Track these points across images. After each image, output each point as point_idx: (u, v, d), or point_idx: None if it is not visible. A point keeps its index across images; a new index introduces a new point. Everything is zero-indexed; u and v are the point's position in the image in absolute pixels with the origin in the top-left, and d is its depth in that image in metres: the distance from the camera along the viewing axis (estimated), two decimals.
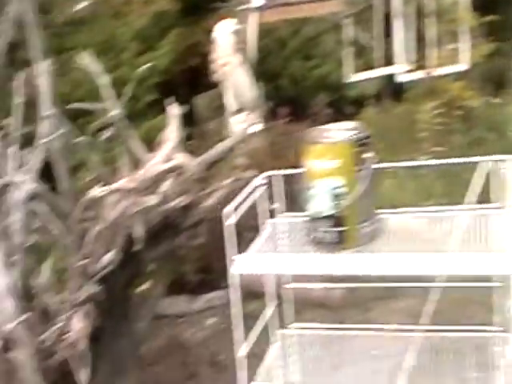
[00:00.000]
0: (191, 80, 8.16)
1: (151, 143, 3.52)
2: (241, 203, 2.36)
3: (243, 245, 2.41)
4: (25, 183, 2.96)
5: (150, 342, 4.06)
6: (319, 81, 8.79)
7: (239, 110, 6.87)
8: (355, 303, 4.33)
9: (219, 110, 8.36)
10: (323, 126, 2.44)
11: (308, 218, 2.24)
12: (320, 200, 2.19)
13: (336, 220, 2.16)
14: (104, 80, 3.54)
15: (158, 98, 7.10)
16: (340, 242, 2.16)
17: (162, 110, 7.02)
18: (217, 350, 4.08)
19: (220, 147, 3.70)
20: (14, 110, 3.58)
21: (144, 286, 4.16)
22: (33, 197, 3.19)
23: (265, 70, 8.29)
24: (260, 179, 2.54)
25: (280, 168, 2.88)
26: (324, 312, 4.17)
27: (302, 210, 2.62)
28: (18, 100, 3.64)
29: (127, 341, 3.17)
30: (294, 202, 2.88)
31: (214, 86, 8.30)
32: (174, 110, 3.61)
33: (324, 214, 2.17)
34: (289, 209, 2.62)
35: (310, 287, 4.10)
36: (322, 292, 4.30)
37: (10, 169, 3.24)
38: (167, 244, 3.28)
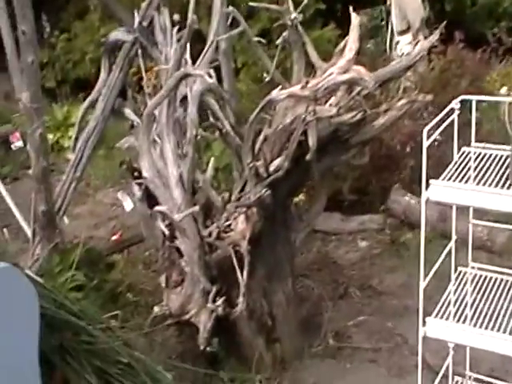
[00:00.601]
0: None
1: (317, 53, 3.36)
2: (437, 126, 2.17)
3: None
4: (202, 77, 2.93)
5: (302, 255, 4.10)
6: (488, 7, 8.16)
7: (405, 31, 6.52)
8: None
9: (380, 28, 7.99)
10: None
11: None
12: None
13: None
14: None
15: (322, 10, 6.90)
16: None
17: (326, 22, 6.85)
18: (369, 274, 4.02)
19: (395, 65, 3.47)
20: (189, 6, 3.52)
21: (298, 198, 4.15)
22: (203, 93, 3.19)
23: None
24: (456, 103, 2.32)
25: (449, 96, 2.65)
26: (486, 255, 3.96)
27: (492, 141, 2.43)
28: None
29: (284, 249, 3.16)
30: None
31: (378, 2, 7.90)
32: (356, 20, 3.40)
33: None
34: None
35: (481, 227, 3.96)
36: (486, 234, 4.09)
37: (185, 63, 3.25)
38: (333, 158, 3.18)
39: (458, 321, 2.14)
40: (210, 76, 2.97)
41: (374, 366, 3.29)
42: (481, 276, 2.37)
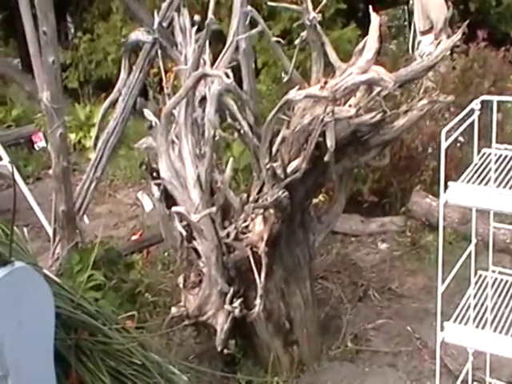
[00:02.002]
0: None
1: (337, 54, 3.34)
2: (457, 127, 2.14)
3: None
4: (220, 77, 2.91)
5: (322, 256, 4.07)
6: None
7: (428, 30, 6.46)
8: None
9: (402, 28, 7.94)
10: None
11: None
12: None
13: None
14: None
15: (342, 10, 6.87)
16: None
17: (347, 22, 6.82)
18: (389, 276, 3.98)
19: (416, 66, 3.43)
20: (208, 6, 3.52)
21: (317, 199, 4.12)
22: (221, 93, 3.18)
23: None
24: (477, 103, 2.28)
25: (471, 96, 2.61)
26: (509, 258, 3.91)
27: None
28: None
29: (302, 251, 3.14)
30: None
31: (401, 2, 7.86)
32: (375, 20, 3.37)
33: None
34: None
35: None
36: (509, 237, 4.04)
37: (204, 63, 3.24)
38: (352, 160, 3.14)
39: (478, 326, 2.10)
40: (228, 76, 2.96)
41: (393, 370, 3.26)
42: (501, 280, 2.32)
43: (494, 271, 2.37)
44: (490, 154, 2.22)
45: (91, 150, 4.16)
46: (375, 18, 3.28)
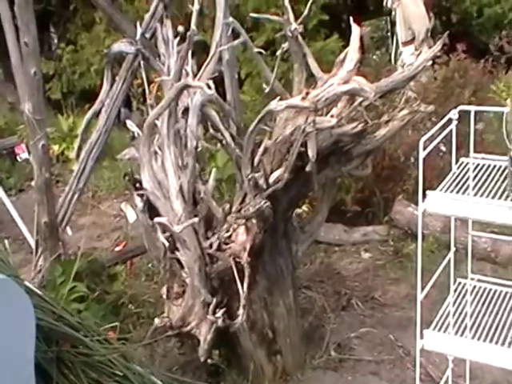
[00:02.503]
0: (359, 6, 7.86)
1: (320, 65, 3.37)
2: (434, 136, 2.17)
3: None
4: (201, 88, 2.93)
5: (305, 266, 4.09)
6: (494, 19, 8.17)
7: (410, 41, 6.53)
8: None
9: (385, 39, 8.01)
10: None
11: (510, 162, 2.02)
12: None
13: None
14: None
15: (325, 21, 6.92)
16: None
17: (330, 33, 6.87)
18: (372, 285, 4.00)
19: (398, 76, 3.47)
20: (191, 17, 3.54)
21: (301, 209, 4.14)
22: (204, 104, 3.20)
23: (436, 2, 7.83)
24: (455, 113, 2.32)
25: (452, 107, 2.64)
26: (491, 266, 3.95)
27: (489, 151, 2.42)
28: (196, 7, 3.59)
29: (285, 261, 3.15)
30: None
31: (383, 13, 7.92)
32: (356, 30, 3.40)
33: None
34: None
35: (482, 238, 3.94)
36: (490, 245, 4.08)
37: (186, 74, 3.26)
38: (335, 170, 3.17)
39: (457, 333, 2.12)
40: (210, 87, 2.98)
41: (376, 378, 3.27)
42: (480, 287, 2.35)
43: (473, 279, 2.39)
44: (468, 163, 2.25)
45: (74, 161, 4.15)
46: (356, 29, 3.32)
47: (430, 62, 5.67)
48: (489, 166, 2.21)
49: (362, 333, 3.58)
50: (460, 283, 2.37)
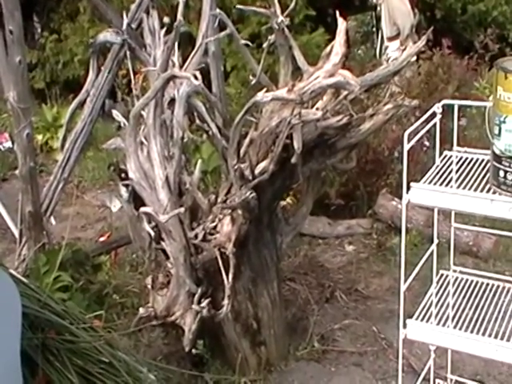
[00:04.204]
0: (344, 1, 7.88)
1: (305, 58, 3.39)
2: (418, 129, 2.20)
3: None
4: (188, 79, 2.93)
5: (289, 258, 4.11)
6: (478, 16, 8.25)
7: (395, 37, 6.57)
8: (506, 256, 4.13)
9: (370, 34, 8.05)
10: None
11: (492, 156, 2.05)
12: (511, 137, 1.99)
13: None
14: None
15: (311, 15, 6.94)
16: None
17: (316, 27, 6.89)
18: (355, 278, 4.04)
19: (382, 71, 3.49)
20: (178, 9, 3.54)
21: (285, 202, 4.16)
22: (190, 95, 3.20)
23: None
24: (438, 107, 2.35)
25: (435, 101, 2.67)
26: (472, 260, 4.01)
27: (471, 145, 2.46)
28: None
29: (270, 252, 3.17)
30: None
31: (369, 8, 7.96)
32: (342, 24, 3.42)
33: None
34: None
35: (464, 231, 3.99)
36: (472, 239, 4.14)
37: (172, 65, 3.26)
38: (319, 162, 3.19)
39: (439, 323, 2.16)
40: (196, 78, 2.98)
41: (359, 369, 3.31)
42: (462, 279, 2.39)
43: (455, 271, 2.43)
44: (451, 157, 2.28)
45: (58, 151, 4.13)
46: (342, 23, 3.34)
47: (415, 58, 5.77)
48: (471, 159, 2.24)
49: (345, 324, 3.62)
50: (442, 275, 2.41)
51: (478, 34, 6.97)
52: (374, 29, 7.88)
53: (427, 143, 4.67)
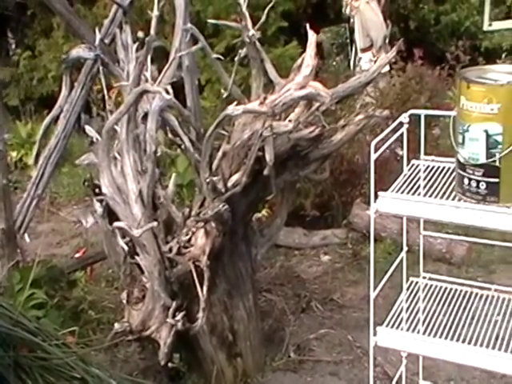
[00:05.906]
0: (319, 13, 7.98)
1: (279, 70, 3.42)
2: (385, 139, 2.24)
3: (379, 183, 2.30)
4: (160, 93, 2.95)
5: (265, 270, 4.13)
6: (451, 26, 8.39)
7: (368, 48, 6.65)
8: (478, 263, 4.18)
9: (345, 46, 8.13)
10: (484, 66, 2.27)
11: (457, 164, 2.09)
12: (474, 146, 2.03)
13: (490, 169, 2.00)
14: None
15: (285, 27, 7.01)
16: (490, 194, 2.01)
17: (289, 40, 6.95)
18: (331, 288, 4.07)
19: (354, 82, 3.54)
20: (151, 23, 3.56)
21: (261, 214, 4.19)
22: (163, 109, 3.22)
23: (394, 10, 8.01)
24: (405, 117, 2.39)
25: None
26: (446, 267, 4.06)
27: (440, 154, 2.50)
28: (155, 13, 3.61)
29: (245, 264, 3.18)
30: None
31: (342, 20, 8.05)
32: (313, 37, 3.47)
33: (477, 162, 2.02)
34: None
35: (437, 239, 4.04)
36: (445, 246, 4.19)
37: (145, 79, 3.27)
38: (293, 174, 3.22)
39: (409, 329, 2.19)
40: (168, 92, 3.00)
41: (335, 378, 3.33)
42: (432, 285, 2.42)
43: (425, 277, 2.47)
44: (418, 165, 2.32)
45: (32, 167, 4.12)
46: (312, 35, 3.38)
47: (387, 68, 5.85)
48: (438, 167, 2.28)
49: (321, 334, 3.64)
50: (412, 281, 2.44)
51: (451, 44, 7.10)
52: (348, 40, 7.97)
53: (400, 152, 4.72)
